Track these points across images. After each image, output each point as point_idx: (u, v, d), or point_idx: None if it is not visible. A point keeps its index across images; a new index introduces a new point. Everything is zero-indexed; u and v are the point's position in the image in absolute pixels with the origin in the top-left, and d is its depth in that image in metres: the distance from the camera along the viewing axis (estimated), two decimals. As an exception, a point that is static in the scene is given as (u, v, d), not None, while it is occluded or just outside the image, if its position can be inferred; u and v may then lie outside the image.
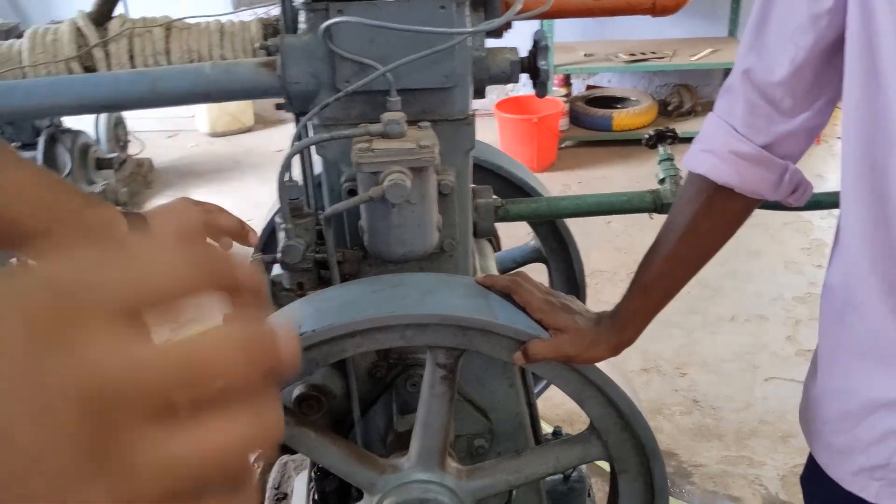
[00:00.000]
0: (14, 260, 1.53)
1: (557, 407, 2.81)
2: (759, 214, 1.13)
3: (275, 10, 1.95)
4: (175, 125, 6.39)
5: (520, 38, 1.48)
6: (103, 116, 4.79)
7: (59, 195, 0.99)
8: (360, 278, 1.30)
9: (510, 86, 5.84)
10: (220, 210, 1.17)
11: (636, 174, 4.84)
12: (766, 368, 3.11)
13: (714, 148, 1.05)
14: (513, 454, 1.33)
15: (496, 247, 1.97)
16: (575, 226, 1.95)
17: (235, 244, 1.19)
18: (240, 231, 1.16)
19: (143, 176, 5.33)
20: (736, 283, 3.71)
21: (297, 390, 1.33)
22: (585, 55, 5.39)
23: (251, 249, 1.26)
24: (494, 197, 1.48)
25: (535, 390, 2.06)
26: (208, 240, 1.17)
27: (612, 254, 3.96)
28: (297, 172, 1.29)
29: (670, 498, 2.44)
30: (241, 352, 0.34)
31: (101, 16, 1.94)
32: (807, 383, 1.15)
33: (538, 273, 1.53)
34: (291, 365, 0.36)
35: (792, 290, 3.63)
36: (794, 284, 3.68)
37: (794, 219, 4.17)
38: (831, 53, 0.93)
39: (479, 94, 1.27)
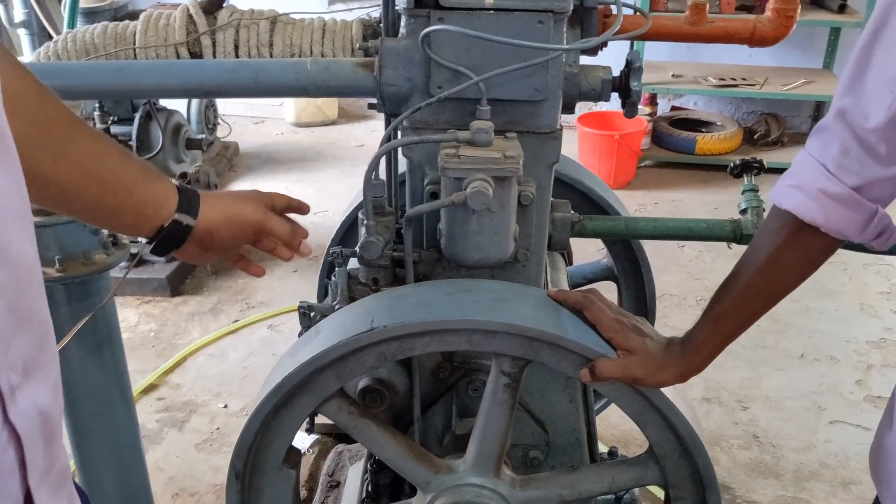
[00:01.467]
0: (105, 231, 1.60)
1: (614, 427, 2.79)
2: (839, 253, 1.12)
3: (374, 12, 1.99)
4: (262, 112, 6.55)
5: (613, 55, 1.48)
6: (196, 99, 4.95)
7: (117, 169, 1.02)
8: (433, 280, 1.33)
9: (594, 100, 5.82)
10: (273, 216, 1.17)
11: (714, 200, 4.75)
12: (832, 411, 3.02)
13: (803, 185, 1.04)
14: (568, 469, 1.34)
15: (568, 261, 1.97)
16: (647, 246, 1.94)
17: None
18: (290, 240, 1.18)
19: (229, 159, 5.48)
20: (808, 321, 3.61)
21: (363, 382, 1.36)
22: (674, 76, 5.32)
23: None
24: (572, 212, 1.48)
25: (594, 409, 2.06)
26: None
27: (682, 278, 3.91)
28: (382, 171, 1.33)
29: (721, 532, 2.40)
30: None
31: (212, 5, 2.03)
32: (881, 430, 1.13)
33: (608, 292, 1.54)
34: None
35: (866, 333, 3.51)
36: (869, 328, 3.57)
37: (874, 261, 4.04)
38: None
39: (569, 108, 1.29)
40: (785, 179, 1.07)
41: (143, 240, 1.09)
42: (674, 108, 5.96)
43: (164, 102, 3.99)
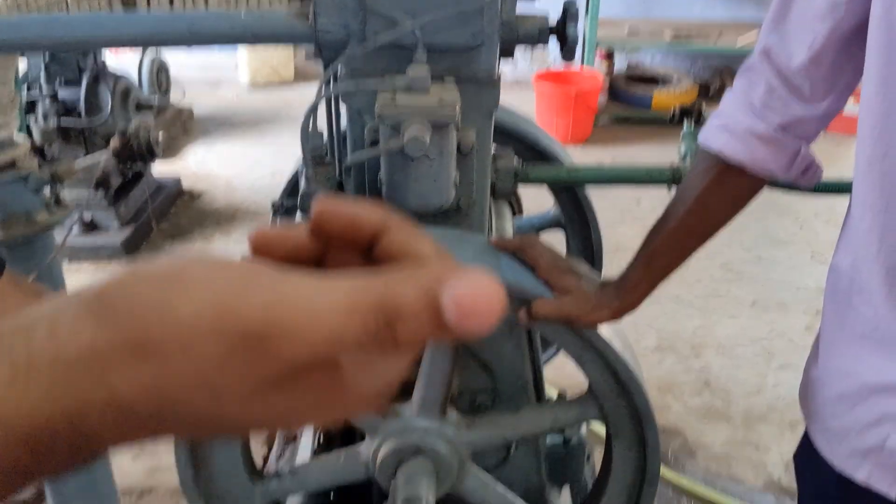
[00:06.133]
0: (47, 189, 1.59)
1: (568, 377, 2.84)
2: (789, 203, 1.15)
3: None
4: (217, 75, 6.46)
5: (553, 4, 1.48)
6: (146, 61, 4.86)
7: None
8: (376, 229, 1.33)
9: (551, 58, 5.82)
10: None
11: (671, 154, 4.78)
12: (782, 356, 3.11)
13: (730, 125, 1.06)
14: (512, 410, 1.37)
15: (516, 211, 1.99)
16: (605, 200, 1.97)
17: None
18: None
19: (183, 123, 5.40)
20: (760, 269, 3.70)
21: (309, 333, 1.37)
22: (630, 31, 5.33)
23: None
24: (515, 160, 1.50)
25: (544, 357, 2.10)
26: None
27: (639, 231, 3.90)
28: (322, 124, 1.32)
29: (673, 474, 2.47)
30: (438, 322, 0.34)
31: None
32: (808, 365, 1.17)
33: (557, 241, 1.56)
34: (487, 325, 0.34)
35: (816, 280, 3.61)
36: (819, 275, 3.64)
37: (825, 210, 4.13)
38: (849, 41, 0.94)
39: (508, 53, 1.29)
40: (713, 120, 1.09)
41: None
42: (630, 65, 5.98)
43: (112, 65, 3.91)
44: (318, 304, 0.34)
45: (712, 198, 1.09)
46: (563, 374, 2.83)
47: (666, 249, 1.13)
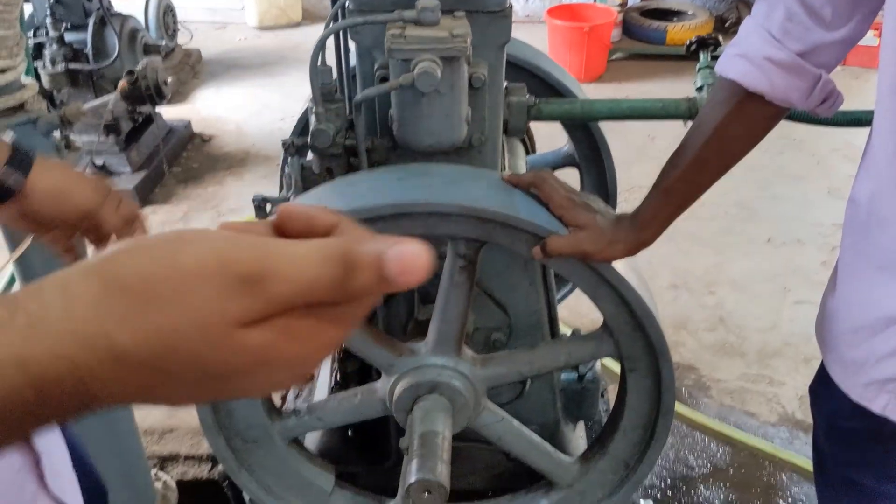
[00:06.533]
0: (57, 133, 1.58)
1: (583, 316, 2.85)
2: (806, 139, 1.13)
3: None
4: (224, 17, 6.37)
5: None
6: (153, 3, 4.79)
7: (84, 193, 0.97)
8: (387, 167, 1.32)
9: (563, -8, 5.68)
10: (111, 212, 1.02)
11: (685, 90, 4.68)
12: (797, 292, 3.10)
13: (748, 52, 1.03)
14: (527, 346, 1.37)
15: (530, 149, 1.97)
16: (619, 138, 1.93)
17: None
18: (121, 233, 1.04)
19: (191, 66, 5.35)
20: (775, 206, 3.66)
21: (323, 273, 1.37)
22: (644, -37, 5.20)
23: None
24: (528, 95, 1.47)
25: (558, 295, 2.09)
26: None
27: (653, 168, 3.84)
28: (332, 62, 1.30)
29: (686, 409, 2.49)
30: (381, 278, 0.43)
31: None
32: (825, 297, 1.16)
33: (570, 180, 1.54)
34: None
35: (833, 216, 3.57)
36: (836, 211, 3.62)
37: (842, 145, 4.07)
38: None
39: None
40: (731, 49, 1.06)
41: None
42: (644, -2, 5.85)
43: (119, 7, 3.85)
44: (299, 255, 0.43)
45: (730, 128, 1.07)
46: (576, 313, 2.84)
47: (682, 182, 1.11)
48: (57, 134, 1.61)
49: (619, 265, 1.19)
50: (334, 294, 0.43)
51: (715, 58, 1.61)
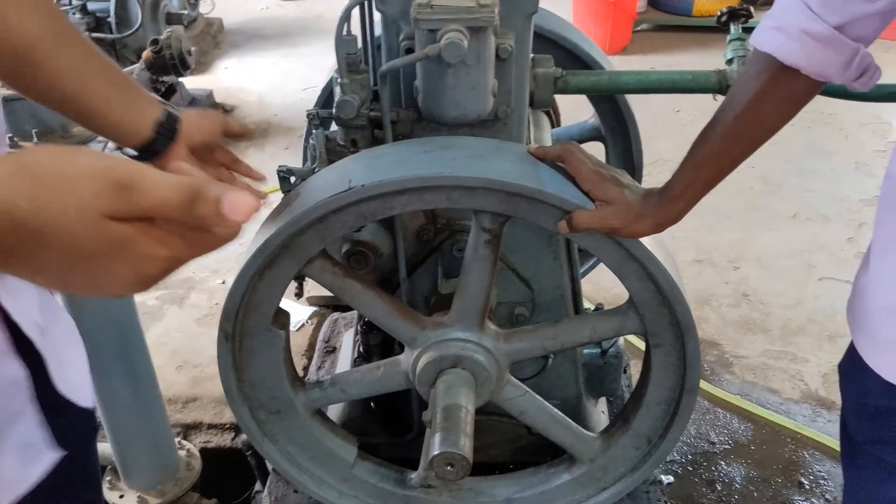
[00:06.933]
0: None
1: (606, 291, 2.84)
2: (834, 113, 1.11)
3: None
4: (246, -14, 6.34)
5: None
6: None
7: (114, 73, 1.09)
8: (412, 139, 1.31)
9: (589, -39, 5.58)
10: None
11: (712, 63, 4.61)
12: (822, 268, 3.06)
13: (784, 25, 1.01)
14: (551, 321, 1.36)
15: (555, 122, 1.94)
16: (643, 111, 1.90)
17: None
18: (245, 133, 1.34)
19: (213, 36, 5.34)
20: (802, 180, 3.61)
21: (346, 245, 1.37)
22: (671, -68, 5.11)
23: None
24: (555, 67, 1.45)
25: (582, 269, 2.08)
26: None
27: (678, 142, 3.85)
28: (357, 31, 1.29)
29: (708, 385, 2.48)
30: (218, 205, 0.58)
31: None
32: (858, 275, 1.14)
33: (596, 152, 1.52)
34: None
35: (860, 192, 3.52)
36: (863, 186, 3.57)
37: (871, 119, 4.00)
38: None
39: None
40: (766, 21, 1.04)
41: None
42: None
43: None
44: (161, 180, 0.57)
45: (764, 102, 1.04)
46: (599, 287, 2.83)
47: (714, 157, 1.09)
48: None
49: (646, 240, 1.17)
50: (182, 213, 0.57)
51: (746, 30, 1.58)
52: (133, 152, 1.14)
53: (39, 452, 0.84)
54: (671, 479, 2.19)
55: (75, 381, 0.92)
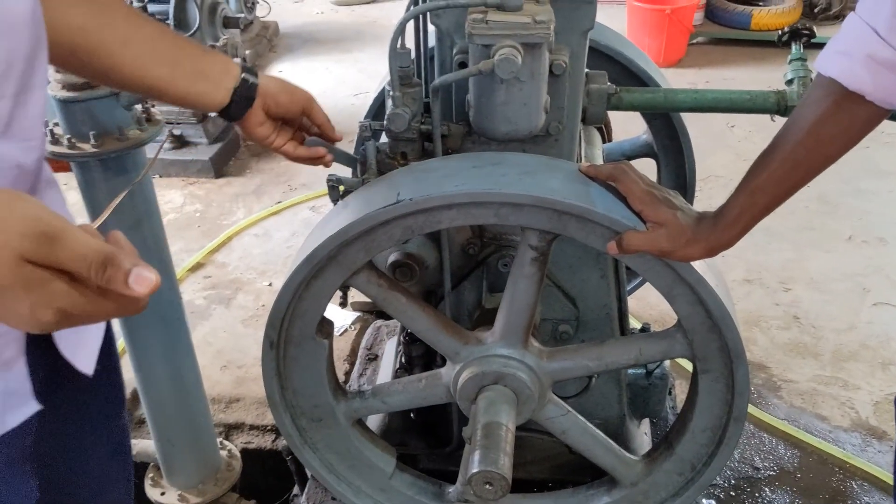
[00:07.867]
0: (139, 106, 1.61)
1: (651, 307, 2.80)
2: (894, 133, 1.07)
3: None
4: (302, -9, 6.41)
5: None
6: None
7: (178, 45, 1.10)
8: (462, 153, 1.30)
9: (645, -27, 5.53)
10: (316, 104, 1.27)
11: (769, 79, 4.55)
12: (877, 293, 2.98)
13: (850, 50, 0.98)
14: (596, 341, 1.34)
15: (606, 137, 1.92)
16: (695, 127, 1.87)
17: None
18: (328, 128, 1.28)
19: (269, 39, 5.41)
20: (859, 202, 3.52)
21: (392, 257, 1.37)
22: (731, -55, 5.03)
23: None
24: (609, 83, 1.43)
25: (629, 287, 2.06)
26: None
27: (730, 159, 3.81)
28: (410, 44, 1.28)
29: (755, 409, 2.43)
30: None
31: None
32: None
33: (648, 170, 1.49)
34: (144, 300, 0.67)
35: (920, 215, 3.41)
36: (924, 210, 3.46)
37: (934, 140, 3.88)
38: None
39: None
40: (832, 45, 1.01)
41: (212, 114, 1.19)
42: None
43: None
44: (86, 239, 0.64)
45: (826, 129, 1.02)
46: (645, 303, 2.79)
47: (771, 183, 1.07)
48: (138, 107, 1.64)
49: (697, 263, 1.15)
50: (92, 273, 0.63)
51: (808, 47, 1.55)
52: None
53: (22, 401, 0.90)
54: (713, 503, 2.14)
55: (80, 345, 0.97)
